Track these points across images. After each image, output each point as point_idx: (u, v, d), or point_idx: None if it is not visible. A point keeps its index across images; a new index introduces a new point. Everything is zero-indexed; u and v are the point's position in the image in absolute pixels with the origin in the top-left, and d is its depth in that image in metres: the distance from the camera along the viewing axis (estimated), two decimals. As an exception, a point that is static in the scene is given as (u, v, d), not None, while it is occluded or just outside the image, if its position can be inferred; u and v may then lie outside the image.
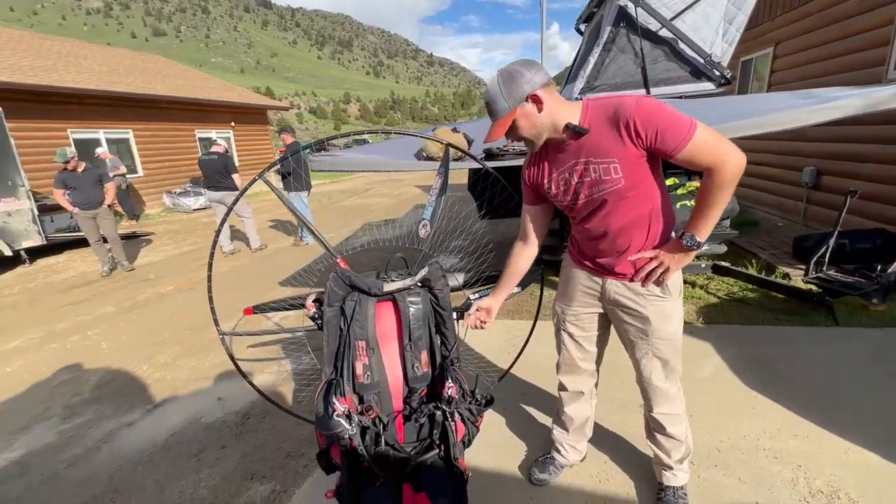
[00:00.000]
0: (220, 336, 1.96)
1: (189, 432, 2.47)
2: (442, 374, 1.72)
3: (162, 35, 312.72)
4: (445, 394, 1.61)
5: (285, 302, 2.05)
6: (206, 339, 3.62)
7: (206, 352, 3.42)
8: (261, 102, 16.60)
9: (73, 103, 9.96)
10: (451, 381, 1.63)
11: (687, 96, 3.67)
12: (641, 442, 1.93)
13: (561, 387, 1.82)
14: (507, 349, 2.97)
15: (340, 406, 1.53)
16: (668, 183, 3.66)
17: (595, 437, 2.06)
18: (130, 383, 3.07)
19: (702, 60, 3.63)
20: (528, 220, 1.64)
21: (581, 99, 1.41)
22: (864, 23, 4.45)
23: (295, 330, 2.04)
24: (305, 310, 1.81)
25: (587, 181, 1.36)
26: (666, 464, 1.69)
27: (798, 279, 3.77)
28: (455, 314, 1.80)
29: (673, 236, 1.46)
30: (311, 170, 2.81)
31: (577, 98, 3.88)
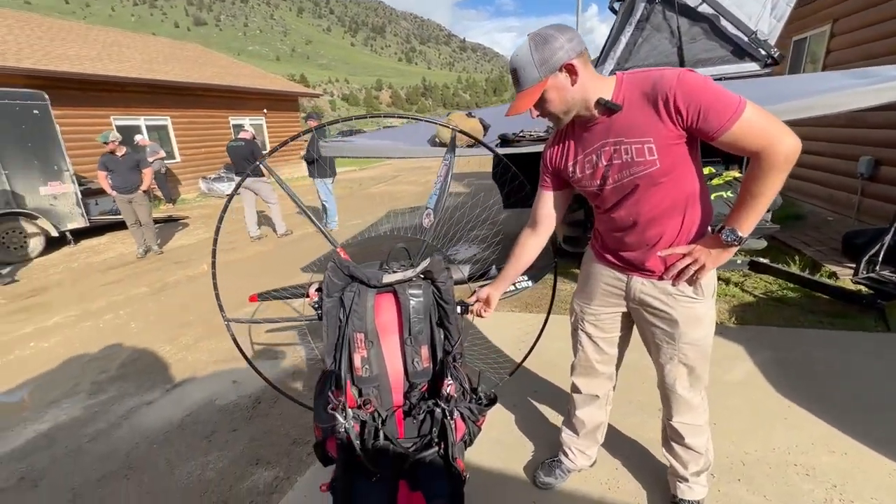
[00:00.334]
0: (225, 323, 1.96)
1: (204, 413, 2.53)
2: (443, 371, 1.66)
3: (203, 24, 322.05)
4: (444, 392, 1.54)
5: (290, 290, 2.03)
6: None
7: (226, 335, 3.48)
8: (292, 89, 16.83)
9: (115, 91, 10.38)
10: (450, 378, 1.56)
11: (727, 78, 3.39)
12: (658, 449, 1.80)
13: (574, 388, 1.71)
14: (520, 343, 2.87)
15: (335, 399, 1.49)
16: (704, 172, 3.42)
17: (608, 441, 1.95)
18: (154, 363, 3.18)
19: (746, 38, 3.33)
20: (542, 207, 1.52)
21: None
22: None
23: (296, 319, 2.01)
24: (308, 298, 1.78)
25: (616, 164, 1.23)
26: (682, 475, 1.57)
27: (846, 279, 3.47)
28: (459, 308, 1.72)
29: (709, 231, 1.31)
30: (323, 155, 2.78)
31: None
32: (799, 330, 2.85)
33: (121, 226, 7.74)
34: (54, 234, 6.63)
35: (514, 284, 1.96)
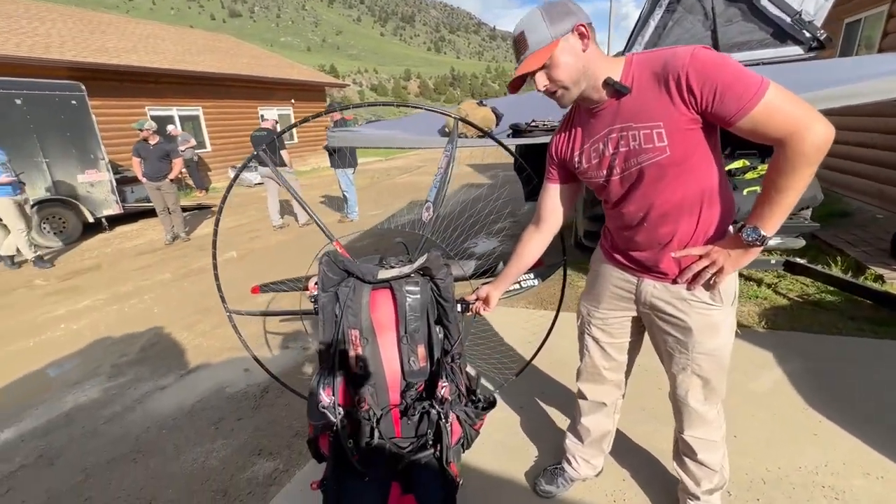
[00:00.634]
0: (227, 315, 1.96)
1: (213, 400, 2.57)
2: (440, 371, 1.59)
3: (237, 16, 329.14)
4: (438, 393, 1.48)
5: (291, 282, 2.01)
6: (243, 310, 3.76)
7: (241, 323, 3.54)
8: (319, 80, 16.97)
9: (150, 82, 10.72)
10: (444, 379, 1.50)
11: (766, 63, 3.13)
12: (671, 461, 1.70)
13: (580, 394, 1.62)
14: (529, 341, 2.77)
15: (326, 397, 1.45)
16: (737, 165, 3.20)
17: (617, 449, 1.85)
18: (171, 348, 3.26)
19: (788, 20, 3.06)
20: (547, 201, 1.41)
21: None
22: None
23: (295, 312, 1.99)
24: (308, 291, 1.75)
25: (623, 151, 1.12)
26: (692, 493, 1.46)
27: (895, 283, 3.19)
28: (459, 306, 1.65)
29: (731, 231, 1.19)
30: (328, 145, 2.74)
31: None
32: (836, 337, 2.64)
33: (154, 213, 8.04)
34: (90, 220, 6.93)
35: (518, 283, 1.87)
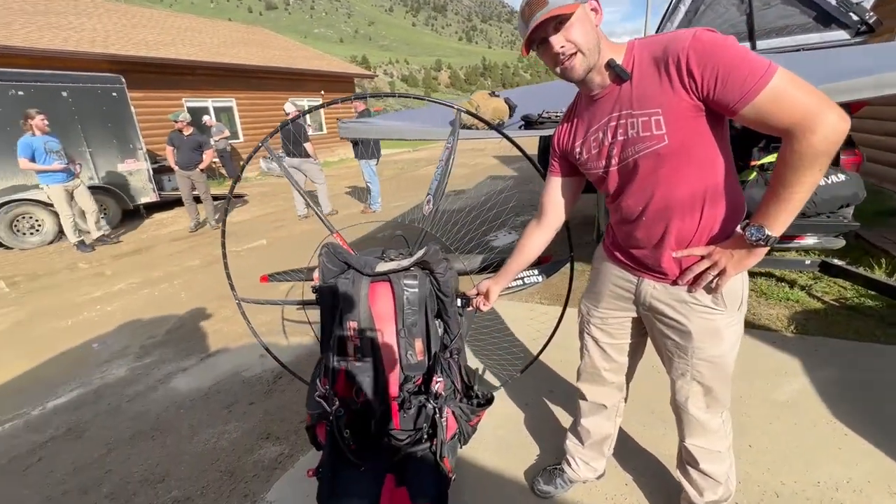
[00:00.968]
0: (236, 302, 2.01)
1: (229, 384, 2.66)
2: (442, 364, 1.58)
3: (273, 9, 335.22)
4: (432, 388, 1.47)
5: (296, 273, 2.04)
6: (263, 297, 3.87)
7: (261, 310, 3.64)
8: (348, 71, 17.11)
9: (187, 74, 11.09)
10: (439, 374, 1.49)
11: (808, 48, 2.91)
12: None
13: (580, 395, 1.57)
14: (534, 338, 2.71)
15: (321, 387, 1.47)
16: (771, 159, 3.01)
17: (623, 452, 1.80)
18: (194, 332, 3.39)
19: (833, 1, 2.83)
20: (549, 195, 1.37)
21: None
22: None
23: (297, 302, 2.02)
24: (313, 281, 1.77)
25: (621, 140, 1.06)
26: (694, 503, 1.40)
27: (945, 288, 2.94)
28: (460, 301, 1.63)
29: (738, 230, 1.11)
30: (340, 137, 2.75)
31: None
32: (872, 345, 2.46)
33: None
34: (129, 207, 7.29)
35: (522, 279, 1.83)
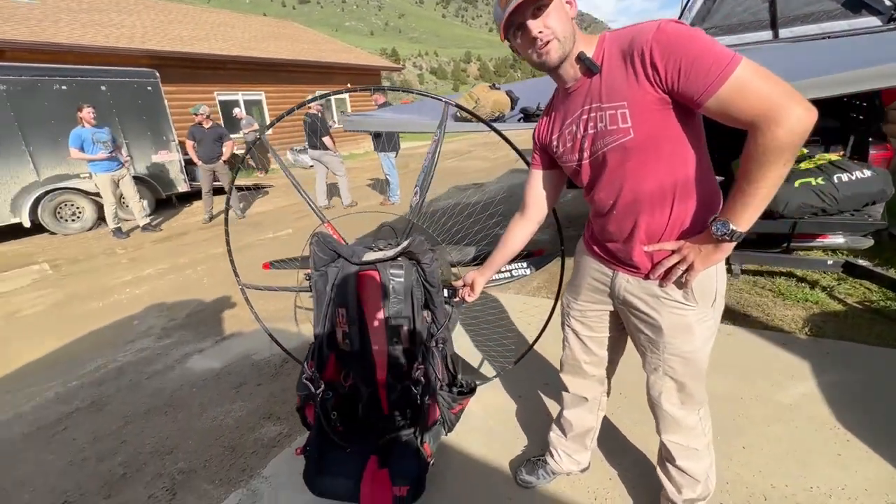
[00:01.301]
0: (240, 288, 2.11)
1: (239, 366, 2.79)
2: (424, 352, 1.62)
3: (306, 2, 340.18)
4: (413, 375, 1.52)
5: (297, 260, 2.12)
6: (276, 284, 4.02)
7: (276, 297, 3.78)
8: (374, 63, 17.25)
9: (219, 68, 11.47)
10: (421, 361, 1.52)
11: (835, 36, 2.75)
12: (659, 465, 1.62)
13: (563, 387, 1.58)
14: (525, 330, 2.72)
15: (308, 370, 1.54)
16: (792, 154, 2.88)
17: (610, 448, 1.81)
18: (212, 316, 3.56)
19: (865, -14, 2.66)
20: (531, 188, 1.38)
21: None
22: None
23: (293, 289, 2.10)
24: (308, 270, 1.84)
25: (591, 133, 1.07)
26: (672, 500, 1.40)
27: (982, 293, 2.76)
28: (447, 292, 1.66)
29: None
30: (345, 130, 2.81)
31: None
32: (892, 350, 2.34)
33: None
34: (162, 196, 7.64)
35: (510, 271, 1.84)
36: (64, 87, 6.61)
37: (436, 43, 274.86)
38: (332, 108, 15.25)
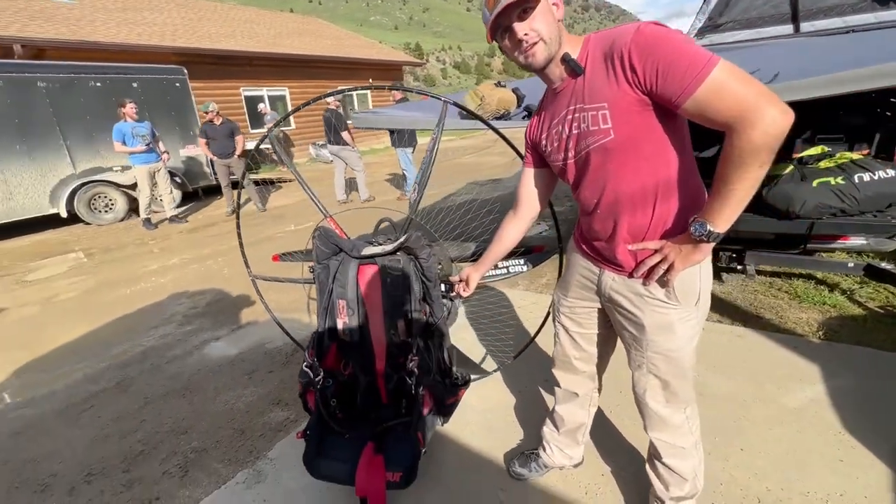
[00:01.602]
0: (251, 278, 2.20)
1: (253, 354, 2.91)
2: (420, 344, 1.67)
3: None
4: (408, 366, 1.57)
5: (303, 253, 2.19)
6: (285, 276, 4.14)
7: (290, 289, 3.90)
8: (396, 59, 17.33)
9: (244, 65, 11.75)
10: (415, 353, 1.57)
11: (861, 30, 2.64)
12: (652, 464, 1.63)
13: (555, 382, 1.61)
14: (535, 324, 2.73)
15: (308, 358, 1.61)
16: (812, 152, 2.79)
17: (607, 445, 1.83)
18: (230, 305, 3.71)
19: (895, -24, 2.53)
20: (523, 186, 1.41)
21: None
22: None
23: (298, 280, 2.18)
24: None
25: (575, 134, 1.10)
26: (660, 497, 1.41)
27: None
28: (444, 286, 1.71)
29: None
30: (354, 127, 2.87)
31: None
32: (910, 357, 2.26)
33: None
34: (188, 189, 7.93)
35: (506, 268, 1.87)
36: (98, 84, 6.93)
37: (460, 37, 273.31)
38: (353, 103, 15.42)
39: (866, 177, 2.50)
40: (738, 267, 3.03)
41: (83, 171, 6.83)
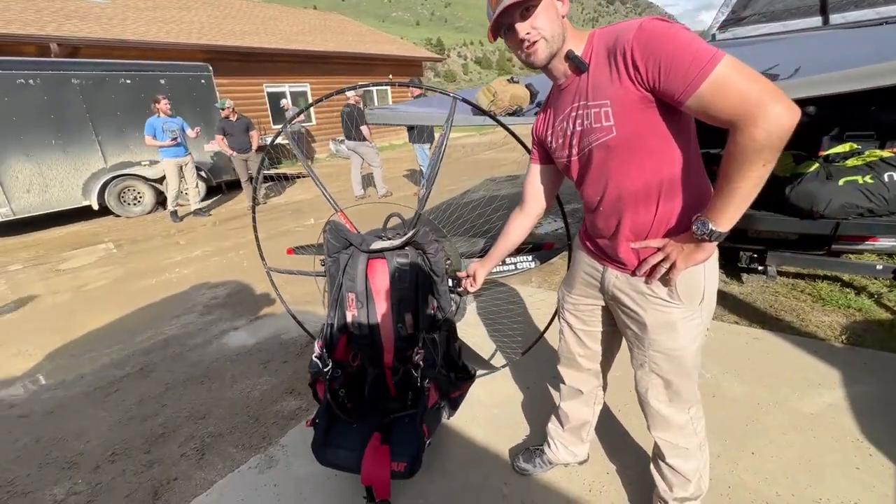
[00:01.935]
0: (266, 271, 2.26)
1: (269, 344, 2.99)
2: (426, 338, 1.69)
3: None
4: (414, 359, 1.59)
5: (312, 246, 2.24)
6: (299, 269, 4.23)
7: (306, 282, 3.98)
8: (416, 55, 17.34)
9: (267, 61, 11.96)
10: (421, 346, 1.59)
11: (893, 21, 2.51)
12: (658, 464, 1.62)
13: (560, 378, 1.61)
14: (545, 321, 2.72)
15: (318, 349, 1.65)
16: (840, 150, 2.69)
17: (614, 444, 1.82)
18: (249, 297, 3.81)
19: (934, -36, 2.40)
20: (529, 182, 1.41)
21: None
22: None
23: (309, 273, 2.23)
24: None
25: (579, 130, 1.10)
26: (663, 498, 1.40)
27: None
28: (451, 281, 1.72)
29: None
30: (368, 122, 2.90)
31: (711, 37, 3.01)
32: (938, 364, 2.17)
33: (265, 179, 9.16)
34: (212, 183, 8.15)
35: (514, 263, 1.87)
36: (128, 81, 7.17)
37: (481, 32, 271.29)
38: (374, 99, 15.51)
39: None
40: (759, 268, 2.95)
41: (113, 166, 7.09)
